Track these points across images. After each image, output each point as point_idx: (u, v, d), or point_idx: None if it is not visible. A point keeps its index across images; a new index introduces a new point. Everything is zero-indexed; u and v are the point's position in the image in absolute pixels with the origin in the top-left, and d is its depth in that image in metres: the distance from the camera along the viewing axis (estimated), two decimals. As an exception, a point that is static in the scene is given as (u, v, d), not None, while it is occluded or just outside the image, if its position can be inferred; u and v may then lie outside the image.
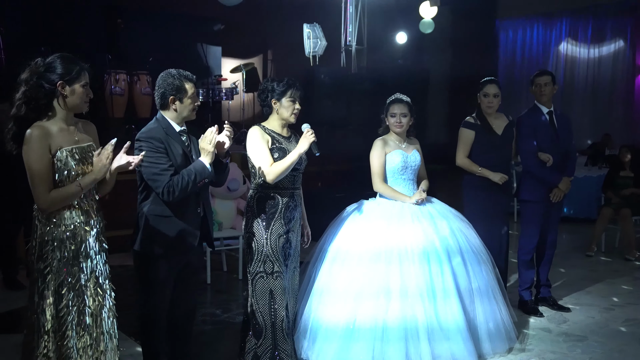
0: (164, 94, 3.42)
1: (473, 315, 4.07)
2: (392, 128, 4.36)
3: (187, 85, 3.42)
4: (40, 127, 2.87)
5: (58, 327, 2.90)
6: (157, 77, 3.47)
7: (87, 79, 2.98)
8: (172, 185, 3.29)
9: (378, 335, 3.82)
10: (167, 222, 3.40)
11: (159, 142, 3.34)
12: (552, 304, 5.27)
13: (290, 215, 3.82)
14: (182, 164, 3.39)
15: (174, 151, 3.39)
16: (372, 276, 3.94)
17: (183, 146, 3.46)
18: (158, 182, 3.30)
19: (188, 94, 3.42)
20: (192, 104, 3.46)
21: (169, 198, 3.32)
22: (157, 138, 3.35)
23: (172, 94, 3.41)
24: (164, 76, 3.44)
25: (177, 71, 3.45)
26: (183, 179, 3.31)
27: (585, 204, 9.02)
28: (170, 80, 3.41)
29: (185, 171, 3.34)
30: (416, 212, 4.21)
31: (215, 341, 4.57)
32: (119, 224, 5.49)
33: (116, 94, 8.43)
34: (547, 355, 4.31)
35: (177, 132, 3.46)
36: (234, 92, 9.60)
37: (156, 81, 3.47)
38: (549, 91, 5.07)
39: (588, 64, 12.88)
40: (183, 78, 3.43)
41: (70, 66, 2.92)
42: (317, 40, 9.40)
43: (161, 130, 3.41)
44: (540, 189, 5.06)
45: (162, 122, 3.45)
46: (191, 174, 3.32)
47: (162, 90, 3.42)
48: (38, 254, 2.91)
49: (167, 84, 3.41)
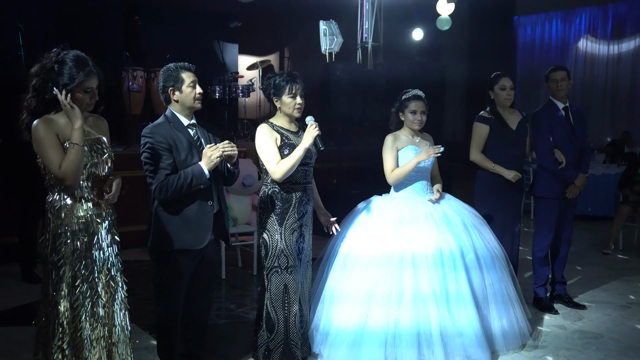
0: (164, 88, 3.48)
1: (487, 316, 4.05)
2: (411, 125, 4.29)
3: (184, 75, 3.45)
4: (46, 119, 2.93)
5: (72, 319, 2.94)
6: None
7: (94, 82, 3.00)
8: (165, 184, 3.32)
9: (390, 340, 3.80)
10: (178, 218, 3.44)
11: (161, 138, 3.38)
12: (568, 301, 5.23)
13: (303, 209, 3.82)
14: (186, 159, 3.42)
15: (179, 146, 3.42)
16: (384, 279, 3.91)
17: (192, 140, 3.48)
18: (152, 179, 3.35)
19: (185, 82, 3.45)
20: (193, 92, 3.47)
21: (160, 197, 3.36)
22: (160, 134, 3.39)
23: (170, 85, 3.46)
24: (162, 71, 3.51)
25: (174, 64, 3.50)
26: (179, 180, 3.32)
27: (603, 201, 8.95)
28: (167, 73, 3.47)
29: (183, 173, 3.35)
30: (430, 210, 4.17)
31: (230, 335, 4.61)
32: (135, 219, 5.56)
33: (134, 91, 8.50)
34: (562, 352, 4.29)
35: (184, 126, 3.50)
36: (250, 89, 9.64)
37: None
38: (565, 86, 5.03)
39: (608, 61, 12.74)
40: (179, 68, 3.47)
41: (76, 72, 2.93)
42: (333, 37, 9.40)
43: (167, 126, 3.44)
44: (556, 186, 5.03)
45: (170, 117, 3.49)
46: (187, 176, 3.34)
47: (162, 85, 3.49)
48: (51, 247, 2.95)
49: (165, 77, 3.47)
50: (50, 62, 2.94)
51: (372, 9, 9.72)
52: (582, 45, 13.03)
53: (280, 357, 3.78)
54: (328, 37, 9.38)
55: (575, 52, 13.09)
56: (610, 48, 12.69)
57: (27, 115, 2.94)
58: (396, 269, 3.92)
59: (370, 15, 9.75)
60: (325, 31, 9.37)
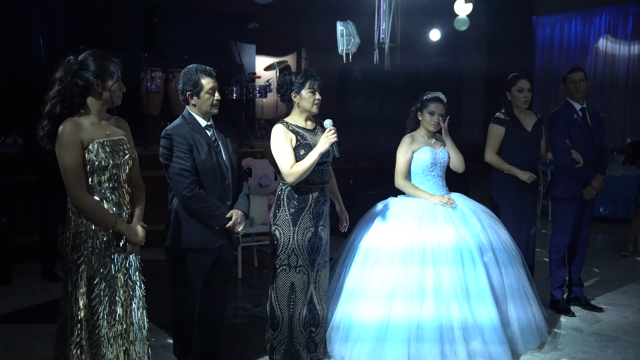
0: (183, 90, 3.51)
1: (506, 313, 4.06)
2: (427, 126, 4.33)
3: (204, 80, 3.47)
4: (73, 121, 2.95)
5: (90, 316, 2.99)
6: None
7: (119, 73, 3.06)
8: (196, 196, 3.40)
9: (413, 335, 3.81)
10: (196, 218, 3.49)
11: (182, 138, 3.42)
12: (585, 303, 5.20)
13: (319, 210, 3.83)
14: (206, 159, 3.46)
15: (198, 146, 3.46)
16: (405, 275, 3.93)
17: (209, 141, 3.52)
18: (177, 183, 3.40)
19: (205, 88, 3.47)
20: (211, 98, 3.49)
21: (185, 204, 3.43)
22: (180, 134, 3.43)
23: (189, 90, 3.48)
24: (183, 72, 3.51)
25: (195, 66, 3.51)
26: (206, 205, 3.43)
27: (622, 203, 8.86)
28: (188, 76, 3.48)
29: (215, 205, 3.47)
30: (448, 210, 4.19)
31: (246, 334, 4.65)
32: (153, 219, 5.60)
33: (152, 92, 8.57)
34: (578, 354, 4.27)
35: (202, 127, 3.53)
36: (267, 90, 9.67)
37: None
38: (583, 87, 5.01)
39: (628, 61, 12.59)
40: (200, 72, 3.47)
41: (103, 63, 3.00)
42: (350, 38, 9.39)
43: (186, 127, 3.48)
44: (573, 187, 5.00)
45: (188, 118, 3.53)
46: (214, 210, 3.46)
47: (181, 87, 3.51)
48: (72, 245, 3.00)
49: (185, 80, 3.49)
50: (74, 64, 2.98)
51: (389, 9, 9.71)
52: (602, 46, 12.87)
53: (284, 355, 3.82)
54: (345, 37, 9.38)
55: (595, 53, 12.94)
56: (631, 48, 12.54)
57: (48, 122, 2.95)
58: (417, 265, 3.94)
59: (388, 15, 9.74)
60: (343, 32, 9.37)
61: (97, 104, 3.03)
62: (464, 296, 3.90)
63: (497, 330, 3.89)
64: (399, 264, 3.97)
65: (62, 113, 2.95)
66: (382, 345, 3.84)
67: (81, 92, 2.97)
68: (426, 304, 3.85)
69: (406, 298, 3.88)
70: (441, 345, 3.79)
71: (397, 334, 3.83)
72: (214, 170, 3.51)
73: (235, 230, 3.57)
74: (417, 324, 3.82)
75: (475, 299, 3.93)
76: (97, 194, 3.01)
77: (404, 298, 3.89)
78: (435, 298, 3.86)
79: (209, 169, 3.48)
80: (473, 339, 3.83)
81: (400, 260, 3.98)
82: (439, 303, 3.85)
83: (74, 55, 3.03)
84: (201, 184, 3.46)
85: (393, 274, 3.96)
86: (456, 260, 3.96)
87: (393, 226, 4.15)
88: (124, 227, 3.05)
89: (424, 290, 3.88)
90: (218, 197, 3.52)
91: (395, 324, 3.85)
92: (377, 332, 3.87)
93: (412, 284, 3.90)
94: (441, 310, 3.83)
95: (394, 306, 3.88)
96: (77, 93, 2.96)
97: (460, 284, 3.91)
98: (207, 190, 3.48)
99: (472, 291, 3.93)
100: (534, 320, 4.21)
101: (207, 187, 3.48)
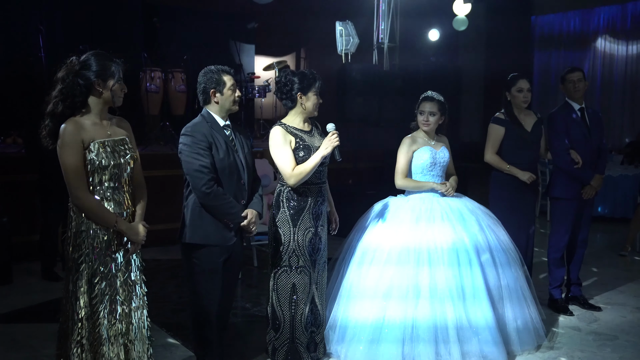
0: (205, 89, 3.58)
1: (502, 314, 4.06)
2: (420, 125, 4.36)
3: (225, 78, 3.57)
4: (74, 121, 2.98)
5: (90, 315, 3.00)
6: (192, 75, 3.60)
7: (121, 73, 3.09)
8: (214, 193, 3.45)
9: (407, 335, 3.82)
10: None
11: (202, 136, 3.48)
12: (583, 302, 5.22)
13: (318, 210, 3.85)
14: (224, 157, 3.52)
15: (217, 145, 3.51)
16: (400, 275, 3.94)
17: (227, 140, 3.58)
18: (196, 179, 3.44)
19: (227, 85, 3.57)
20: (233, 95, 3.59)
21: (203, 200, 3.47)
22: (200, 132, 3.49)
23: (212, 87, 3.56)
24: (203, 72, 3.60)
25: (215, 66, 3.61)
26: (223, 203, 3.49)
27: (621, 203, 8.89)
28: (210, 75, 3.57)
29: (231, 203, 3.51)
30: (445, 209, 4.20)
31: (246, 334, 4.66)
32: (153, 219, 5.60)
33: (151, 92, 8.56)
34: (576, 353, 4.29)
35: (221, 126, 3.59)
36: (266, 90, 9.68)
37: (197, 80, 3.63)
38: (581, 87, 5.03)
39: (627, 60, 12.62)
40: (221, 71, 3.58)
41: (105, 63, 3.03)
42: (349, 38, 9.42)
43: (206, 125, 3.54)
44: (572, 187, 5.02)
45: (207, 117, 3.59)
46: (230, 208, 3.51)
47: (203, 86, 3.58)
48: (73, 244, 3.02)
49: (207, 79, 3.57)
50: (76, 64, 3.00)
51: (389, 9, 9.73)
52: (600, 45, 12.91)
53: (285, 356, 3.82)
54: (344, 37, 9.41)
55: (594, 52, 12.98)
56: (629, 47, 12.56)
57: (50, 121, 2.98)
58: (413, 265, 3.95)
59: (387, 15, 9.76)
60: (342, 32, 9.39)
61: (99, 103, 3.05)
62: (459, 296, 3.90)
63: (492, 330, 3.90)
64: (395, 263, 3.98)
65: (63, 112, 2.98)
66: (376, 345, 3.86)
67: (82, 91, 2.99)
68: (421, 304, 3.86)
69: (401, 298, 3.89)
70: (436, 345, 3.80)
71: (391, 333, 3.84)
72: (231, 169, 3.56)
73: (249, 229, 3.60)
74: (412, 323, 3.84)
75: (471, 299, 3.93)
76: (97, 193, 3.03)
77: (399, 298, 3.90)
78: (431, 298, 3.87)
79: (226, 168, 3.54)
80: (467, 339, 3.84)
81: (396, 260, 3.99)
82: (434, 303, 3.86)
83: (76, 56, 3.05)
84: (218, 182, 3.51)
85: (388, 274, 3.97)
86: (452, 260, 3.97)
87: (390, 226, 4.16)
88: (125, 226, 3.07)
89: (419, 290, 3.90)
90: (233, 195, 3.57)
91: (390, 324, 3.87)
92: (372, 331, 3.89)
93: (408, 283, 3.91)
94: (436, 310, 3.84)
95: (389, 306, 3.90)
96: (78, 92, 2.98)
97: (456, 284, 3.92)
98: (224, 189, 3.53)
99: (467, 291, 3.94)
100: (532, 322, 4.22)
101: (224, 185, 3.54)
